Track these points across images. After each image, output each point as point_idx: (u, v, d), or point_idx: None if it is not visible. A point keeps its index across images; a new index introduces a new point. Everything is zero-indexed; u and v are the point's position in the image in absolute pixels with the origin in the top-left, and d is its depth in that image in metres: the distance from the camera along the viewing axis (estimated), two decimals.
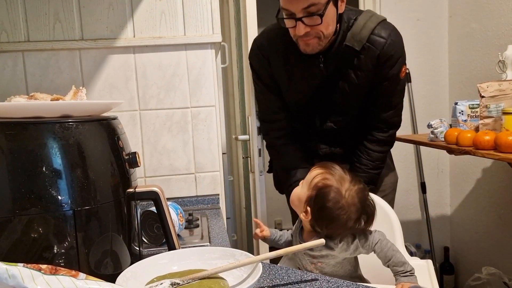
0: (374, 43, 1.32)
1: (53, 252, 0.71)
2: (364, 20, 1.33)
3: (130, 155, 0.85)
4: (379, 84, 1.40)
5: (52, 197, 0.71)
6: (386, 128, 1.48)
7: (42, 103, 0.82)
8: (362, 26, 1.32)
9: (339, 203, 1.08)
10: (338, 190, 1.09)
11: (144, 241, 1.11)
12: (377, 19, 1.34)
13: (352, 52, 1.34)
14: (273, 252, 0.84)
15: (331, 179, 1.11)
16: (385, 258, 1.10)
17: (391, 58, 1.35)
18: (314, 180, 1.12)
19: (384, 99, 1.44)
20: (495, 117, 1.64)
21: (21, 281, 0.54)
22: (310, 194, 1.12)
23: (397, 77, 1.39)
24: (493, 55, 2.19)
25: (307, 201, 1.12)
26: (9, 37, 1.34)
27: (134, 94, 1.42)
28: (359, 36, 1.32)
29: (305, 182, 1.16)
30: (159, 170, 1.46)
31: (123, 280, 0.73)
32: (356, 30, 1.33)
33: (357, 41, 1.32)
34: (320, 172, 1.13)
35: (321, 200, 1.10)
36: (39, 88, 1.36)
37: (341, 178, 1.12)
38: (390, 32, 1.33)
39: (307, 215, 1.12)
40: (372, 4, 2.50)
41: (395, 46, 1.34)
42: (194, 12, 1.42)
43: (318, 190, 1.11)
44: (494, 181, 2.32)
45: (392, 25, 1.38)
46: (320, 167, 1.15)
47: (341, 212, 1.08)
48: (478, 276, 2.28)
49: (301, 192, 1.15)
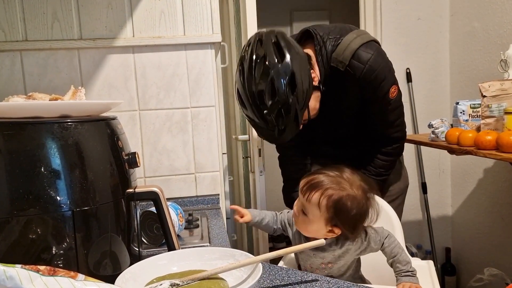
0: (353, 68, 1.31)
1: (52, 253, 0.71)
2: (348, 41, 1.32)
3: (129, 155, 0.85)
4: (369, 105, 1.39)
5: (51, 197, 0.70)
6: (389, 142, 1.46)
7: (40, 103, 0.81)
8: (345, 48, 1.31)
9: (360, 204, 1.07)
10: (348, 195, 1.07)
11: (144, 241, 1.11)
12: (361, 41, 1.32)
13: (338, 72, 1.33)
14: (273, 252, 0.84)
15: (334, 191, 1.07)
16: (391, 254, 1.10)
17: (372, 83, 1.33)
18: (322, 204, 1.06)
19: (378, 118, 1.43)
20: (497, 117, 1.63)
21: (19, 282, 0.54)
22: (327, 216, 1.07)
23: (385, 98, 1.37)
24: (495, 54, 2.19)
25: (329, 222, 1.07)
26: (6, 36, 1.33)
27: (133, 94, 1.42)
28: (342, 57, 1.31)
29: (312, 212, 1.08)
30: (159, 170, 1.45)
31: (122, 281, 0.73)
32: (339, 51, 1.32)
33: (340, 62, 1.32)
34: (321, 193, 1.07)
35: (345, 214, 1.06)
36: (37, 88, 1.35)
37: (337, 182, 1.08)
38: (370, 57, 1.30)
39: (335, 233, 1.09)
40: (372, 4, 2.50)
41: (374, 71, 1.31)
42: (193, 12, 1.41)
43: (335, 208, 1.06)
44: (496, 181, 2.31)
45: (376, 47, 1.35)
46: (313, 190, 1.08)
47: (364, 208, 1.08)
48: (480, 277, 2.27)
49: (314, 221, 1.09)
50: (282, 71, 1.21)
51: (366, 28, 2.53)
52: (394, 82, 1.37)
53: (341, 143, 1.52)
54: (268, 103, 1.22)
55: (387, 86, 1.35)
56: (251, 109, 1.26)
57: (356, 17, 2.62)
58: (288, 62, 1.22)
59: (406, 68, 2.56)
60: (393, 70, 1.39)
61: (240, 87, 1.27)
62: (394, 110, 1.42)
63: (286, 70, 1.21)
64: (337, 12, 3.93)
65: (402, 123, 1.47)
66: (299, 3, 3.89)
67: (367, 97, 1.36)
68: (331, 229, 1.08)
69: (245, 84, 1.24)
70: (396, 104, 1.41)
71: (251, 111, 1.26)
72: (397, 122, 1.44)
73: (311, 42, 1.36)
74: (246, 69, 1.24)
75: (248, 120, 1.34)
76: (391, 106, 1.39)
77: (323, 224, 1.08)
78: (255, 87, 1.22)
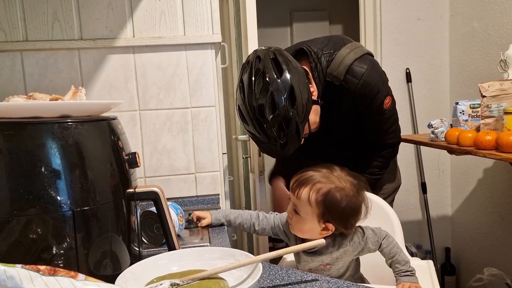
0: (348, 82, 1.35)
1: (52, 253, 0.71)
2: (341, 56, 1.35)
3: (130, 155, 0.85)
4: (364, 115, 1.43)
5: (51, 197, 0.70)
6: (384, 147, 1.51)
7: (41, 103, 0.81)
8: (340, 63, 1.34)
9: (348, 195, 1.06)
10: (336, 187, 1.07)
11: (144, 241, 1.11)
12: (354, 55, 1.35)
13: (334, 86, 1.36)
14: (273, 252, 0.84)
15: (322, 185, 1.07)
16: (389, 255, 1.10)
17: (367, 96, 1.37)
18: (311, 199, 1.06)
19: (373, 127, 1.47)
20: (496, 117, 1.63)
21: (19, 282, 0.54)
22: (319, 212, 1.06)
23: (380, 109, 1.41)
24: (494, 54, 2.19)
25: (321, 218, 1.07)
26: (7, 36, 1.33)
27: (133, 94, 1.42)
28: (336, 72, 1.35)
29: (303, 208, 1.08)
30: (159, 170, 1.45)
31: (123, 281, 0.73)
32: (334, 66, 1.35)
33: (335, 77, 1.35)
34: (309, 188, 1.07)
35: (335, 206, 1.05)
36: (37, 88, 1.35)
37: (325, 177, 1.09)
38: (364, 72, 1.34)
39: (329, 230, 1.08)
40: (372, 4, 2.50)
41: (369, 85, 1.35)
42: (194, 12, 1.42)
43: (324, 202, 1.06)
44: (496, 181, 2.31)
45: (369, 60, 1.37)
46: (302, 185, 1.08)
47: (354, 201, 1.07)
48: (480, 277, 2.27)
49: (306, 219, 1.08)
50: (282, 86, 1.24)
51: (366, 28, 2.53)
52: (388, 93, 1.42)
53: (339, 145, 1.55)
54: (269, 117, 1.25)
55: (381, 98, 1.39)
56: (252, 124, 1.28)
57: (356, 17, 2.62)
58: (287, 77, 1.25)
59: (406, 68, 2.56)
60: (387, 80, 1.44)
61: (241, 103, 1.29)
62: (388, 119, 1.47)
63: (285, 84, 1.24)
64: (337, 12, 3.93)
65: (397, 130, 1.52)
66: (299, 3, 3.89)
67: (363, 109, 1.41)
68: (324, 226, 1.07)
69: (245, 100, 1.27)
70: (390, 113, 1.46)
71: (252, 126, 1.29)
72: (391, 129, 1.49)
73: (306, 59, 1.39)
74: (246, 85, 1.27)
75: (250, 136, 1.37)
76: (385, 115, 1.44)
77: (316, 221, 1.07)
78: (256, 102, 1.25)
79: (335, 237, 1.10)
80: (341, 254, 1.10)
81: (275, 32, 3.91)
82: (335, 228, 1.08)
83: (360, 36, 2.57)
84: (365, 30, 2.54)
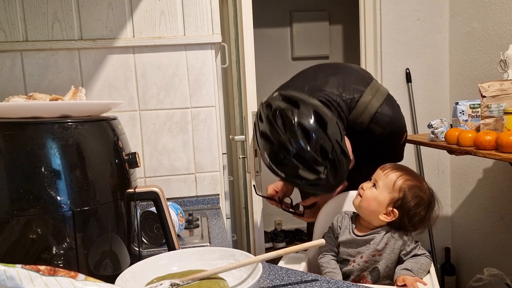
0: (372, 130, 1.33)
1: (52, 253, 0.71)
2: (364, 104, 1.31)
3: (130, 156, 0.85)
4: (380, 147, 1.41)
5: (51, 197, 0.70)
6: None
7: (41, 103, 0.81)
8: (363, 111, 1.31)
9: (425, 203, 1.17)
10: (420, 189, 1.17)
11: (144, 241, 1.11)
12: (377, 102, 1.32)
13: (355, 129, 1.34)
14: (273, 252, 0.84)
15: (412, 180, 1.18)
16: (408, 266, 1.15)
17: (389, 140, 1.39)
18: (397, 183, 1.17)
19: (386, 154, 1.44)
20: (496, 117, 1.63)
21: (19, 282, 0.54)
22: (395, 197, 1.17)
23: (396, 146, 1.45)
24: (494, 54, 2.19)
25: (392, 203, 1.17)
26: (7, 36, 1.33)
27: (133, 94, 1.42)
28: (360, 120, 1.32)
29: (384, 185, 1.18)
30: (159, 170, 1.45)
31: (123, 281, 0.73)
32: (357, 115, 1.31)
33: (358, 125, 1.32)
34: (400, 174, 1.18)
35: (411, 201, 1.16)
36: (37, 88, 1.35)
37: (416, 177, 1.20)
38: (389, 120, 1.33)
39: (390, 216, 1.17)
40: (372, 4, 2.50)
41: (393, 132, 1.37)
42: (193, 12, 1.42)
43: (405, 192, 1.16)
44: (496, 181, 2.31)
45: (391, 103, 1.37)
46: (395, 169, 1.20)
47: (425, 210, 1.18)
48: (480, 277, 2.27)
49: (381, 195, 1.18)
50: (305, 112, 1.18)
51: (366, 28, 2.53)
52: (405, 131, 1.44)
53: None
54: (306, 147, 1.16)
55: (400, 137, 1.43)
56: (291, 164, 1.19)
57: (356, 17, 2.62)
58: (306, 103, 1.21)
59: (406, 68, 2.56)
60: (404, 118, 1.43)
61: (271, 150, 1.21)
62: (401, 147, 1.50)
63: (307, 111, 1.19)
64: (337, 12, 3.93)
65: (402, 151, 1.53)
66: (299, 3, 3.89)
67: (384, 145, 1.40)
68: (391, 209, 1.16)
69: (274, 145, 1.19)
70: (403, 145, 1.49)
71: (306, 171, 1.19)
72: (399, 150, 1.51)
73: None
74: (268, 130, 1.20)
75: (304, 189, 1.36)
76: (399, 146, 1.48)
77: (387, 202, 1.17)
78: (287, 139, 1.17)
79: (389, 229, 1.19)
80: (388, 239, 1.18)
81: (275, 32, 3.91)
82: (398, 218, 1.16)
83: (360, 36, 2.57)
84: (365, 30, 2.54)
